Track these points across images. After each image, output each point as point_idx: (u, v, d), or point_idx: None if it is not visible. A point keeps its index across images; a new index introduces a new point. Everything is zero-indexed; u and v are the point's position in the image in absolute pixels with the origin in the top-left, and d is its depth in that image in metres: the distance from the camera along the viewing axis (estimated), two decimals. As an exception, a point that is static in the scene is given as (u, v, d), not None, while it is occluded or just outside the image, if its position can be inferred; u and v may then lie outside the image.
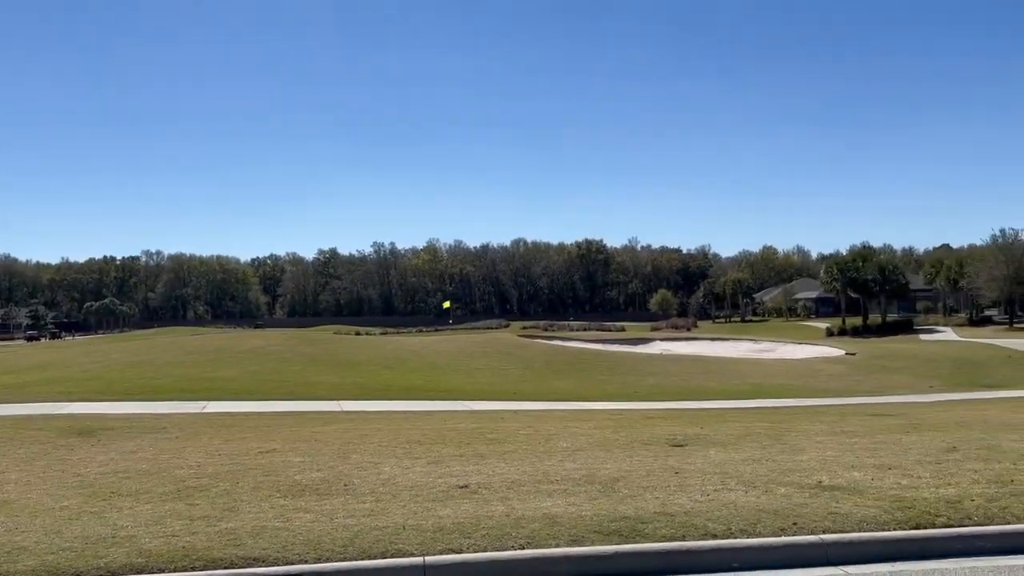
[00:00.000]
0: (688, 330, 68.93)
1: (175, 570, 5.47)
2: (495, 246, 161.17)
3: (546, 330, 64.68)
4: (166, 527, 6.40)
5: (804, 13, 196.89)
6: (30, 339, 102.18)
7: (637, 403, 21.29)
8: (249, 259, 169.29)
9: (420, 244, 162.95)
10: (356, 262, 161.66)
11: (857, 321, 60.83)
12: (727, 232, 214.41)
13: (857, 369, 34.96)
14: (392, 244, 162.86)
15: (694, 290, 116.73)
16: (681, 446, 10.57)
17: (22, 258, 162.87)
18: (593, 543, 5.95)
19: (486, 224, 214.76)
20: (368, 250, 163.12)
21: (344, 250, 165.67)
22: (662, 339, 57.66)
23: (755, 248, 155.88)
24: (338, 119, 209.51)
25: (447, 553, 5.75)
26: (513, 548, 5.84)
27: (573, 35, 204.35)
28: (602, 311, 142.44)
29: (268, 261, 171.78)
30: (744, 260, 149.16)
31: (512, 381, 31.07)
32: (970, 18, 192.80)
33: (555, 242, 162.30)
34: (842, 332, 57.70)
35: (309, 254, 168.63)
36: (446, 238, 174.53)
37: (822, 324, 67.68)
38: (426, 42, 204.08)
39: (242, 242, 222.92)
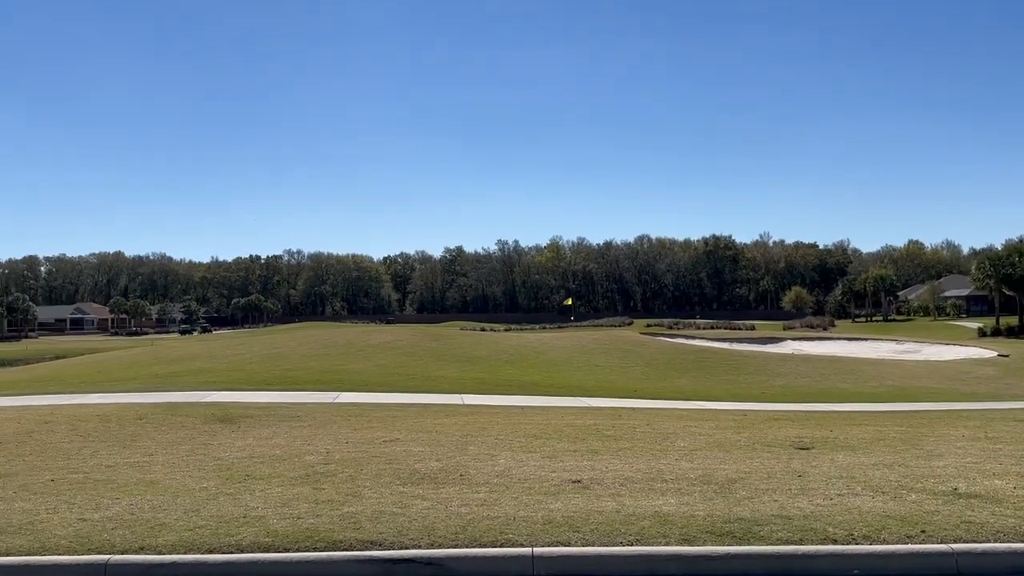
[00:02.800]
0: (824, 329, 65.82)
1: (299, 550, 5.79)
2: (618, 243, 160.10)
3: (671, 328, 63.30)
4: (293, 509, 6.78)
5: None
6: (183, 333, 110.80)
7: (763, 404, 20.57)
8: (381, 257, 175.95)
9: (543, 242, 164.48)
10: (481, 260, 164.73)
11: (1013, 321, 56.25)
12: (868, 226, 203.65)
13: (1010, 372, 32.32)
14: (516, 242, 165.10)
15: (832, 287, 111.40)
16: (807, 449, 10.17)
17: (176, 257, 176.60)
18: (704, 543, 5.84)
19: (609, 221, 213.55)
20: (493, 248, 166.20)
21: (470, 248, 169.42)
22: (794, 338, 55.21)
23: (899, 243, 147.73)
24: (463, 120, 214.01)
25: (555, 546, 5.80)
26: (622, 544, 5.82)
27: (691, 28, 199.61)
28: (731, 309, 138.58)
29: (399, 259, 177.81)
30: (887, 256, 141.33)
31: (632, 378, 30.73)
32: None
33: (680, 238, 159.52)
34: (995, 332, 53.54)
35: (437, 252, 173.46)
36: (569, 235, 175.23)
37: (973, 324, 63.05)
38: (547, 42, 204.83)
39: (375, 241, 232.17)
